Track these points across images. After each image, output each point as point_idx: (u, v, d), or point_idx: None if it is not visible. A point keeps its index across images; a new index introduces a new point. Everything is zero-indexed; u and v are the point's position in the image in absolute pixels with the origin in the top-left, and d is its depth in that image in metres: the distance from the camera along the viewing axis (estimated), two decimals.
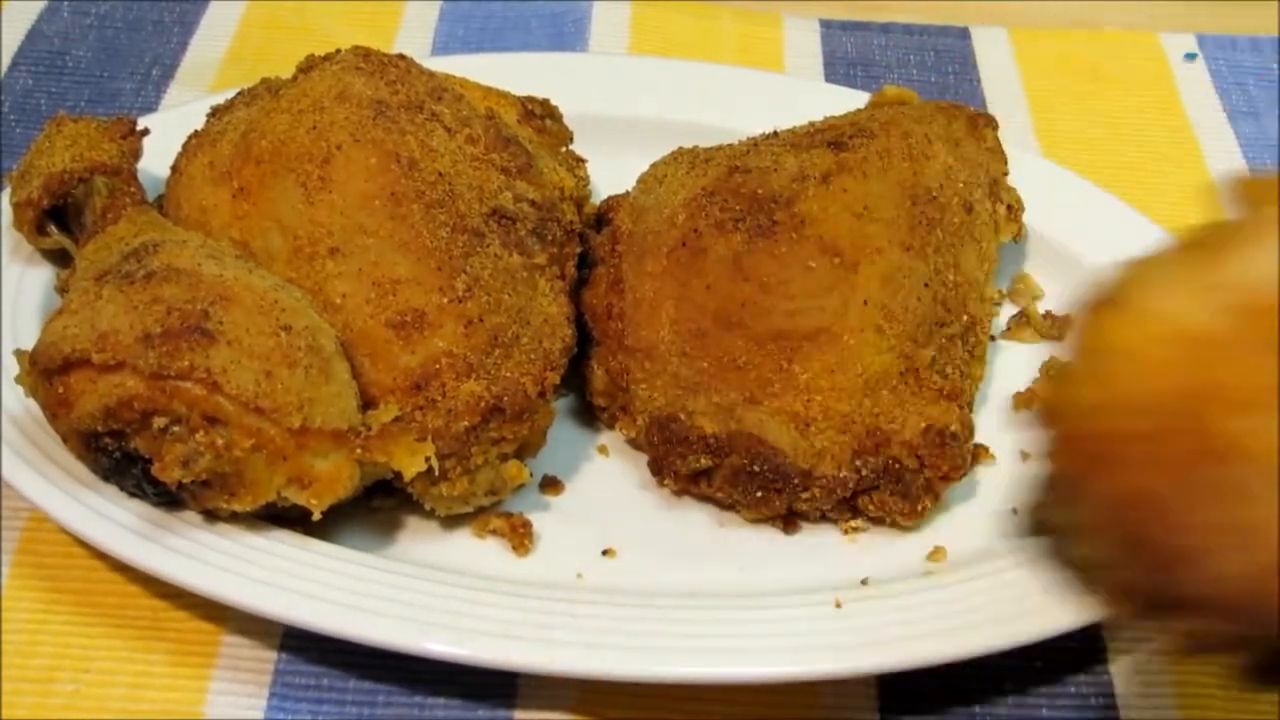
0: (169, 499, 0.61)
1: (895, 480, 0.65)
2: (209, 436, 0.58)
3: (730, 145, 0.76)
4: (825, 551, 0.66)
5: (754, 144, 0.75)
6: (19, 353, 0.61)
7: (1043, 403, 0.40)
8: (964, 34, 1.05)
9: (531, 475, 0.67)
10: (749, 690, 0.61)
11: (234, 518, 0.61)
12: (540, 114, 0.79)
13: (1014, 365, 0.76)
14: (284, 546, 0.61)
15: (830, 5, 1.09)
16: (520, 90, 0.81)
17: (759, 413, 0.66)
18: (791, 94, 0.89)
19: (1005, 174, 0.79)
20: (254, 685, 0.61)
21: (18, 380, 0.62)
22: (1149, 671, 0.64)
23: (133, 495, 0.62)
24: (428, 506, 0.64)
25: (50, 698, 0.60)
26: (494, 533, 0.66)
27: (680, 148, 0.78)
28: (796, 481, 0.65)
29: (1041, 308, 0.80)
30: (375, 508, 0.66)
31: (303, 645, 0.62)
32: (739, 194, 0.69)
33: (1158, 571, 0.36)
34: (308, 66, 0.73)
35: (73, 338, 0.59)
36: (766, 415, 0.66)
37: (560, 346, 0.68)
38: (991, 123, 0.80)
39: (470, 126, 0.70)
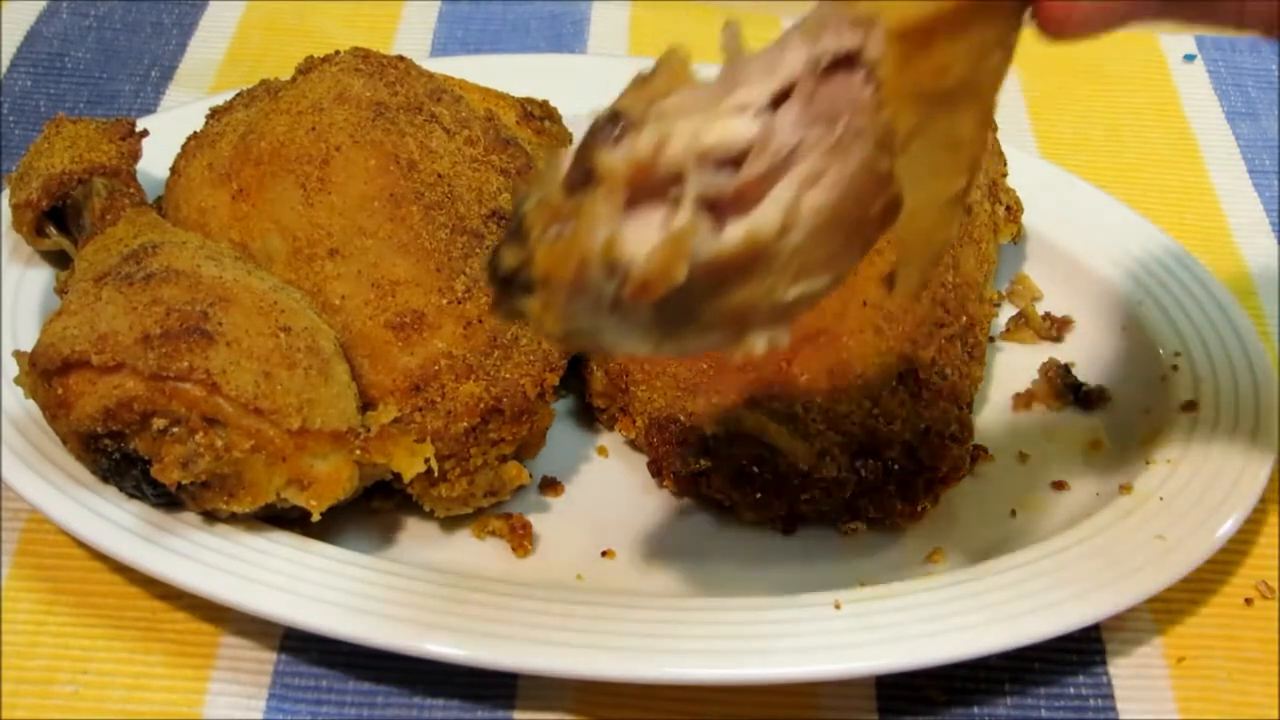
0: (168, 500, 0.61)
1: (895, 482, 0.65)
2: (208, 438, 0.58)
3: None
4: (825, 553, 0.67)
5: None
6: (18, 354, 0.61)
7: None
8: None
9: (531, 476, 0.67)
10: (749, 690, 0.61)
11: (233, 519, 0.61)
12: (539, 115, 0.79)
13: (1013, 366, 0.77)
14: (283, 548, 0.61)
15: None
16: (519, 92, 0.81)
17: (758, 414, 0.66)
18: None
19: (1004, 175, 0.79)
20: (253, 686, 0.61)
21: (17, 381, 0.62)
22: (1148, 672, 0.64)
23: (132, 496, 0.62)
24: (427, 508, 0.64)
25: (49, 699, 0.60)
26: (494, 534, 0.66)
27: None
28: (796, 483, 0.65)
29: (1040, 309, 0.80)
30: (375, 509, 0.66)
31: (302, 646, 0.62)
32: None
33: None
34: (307, 68, 0.73)
35: (72, 339, 0.59)
36: (766, 416, 0.66)
37: (559, 348, 0.68)
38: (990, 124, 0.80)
39: (469, 128, 0.71)
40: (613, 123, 0.42)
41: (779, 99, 0.43)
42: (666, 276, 0.41)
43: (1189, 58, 1.03)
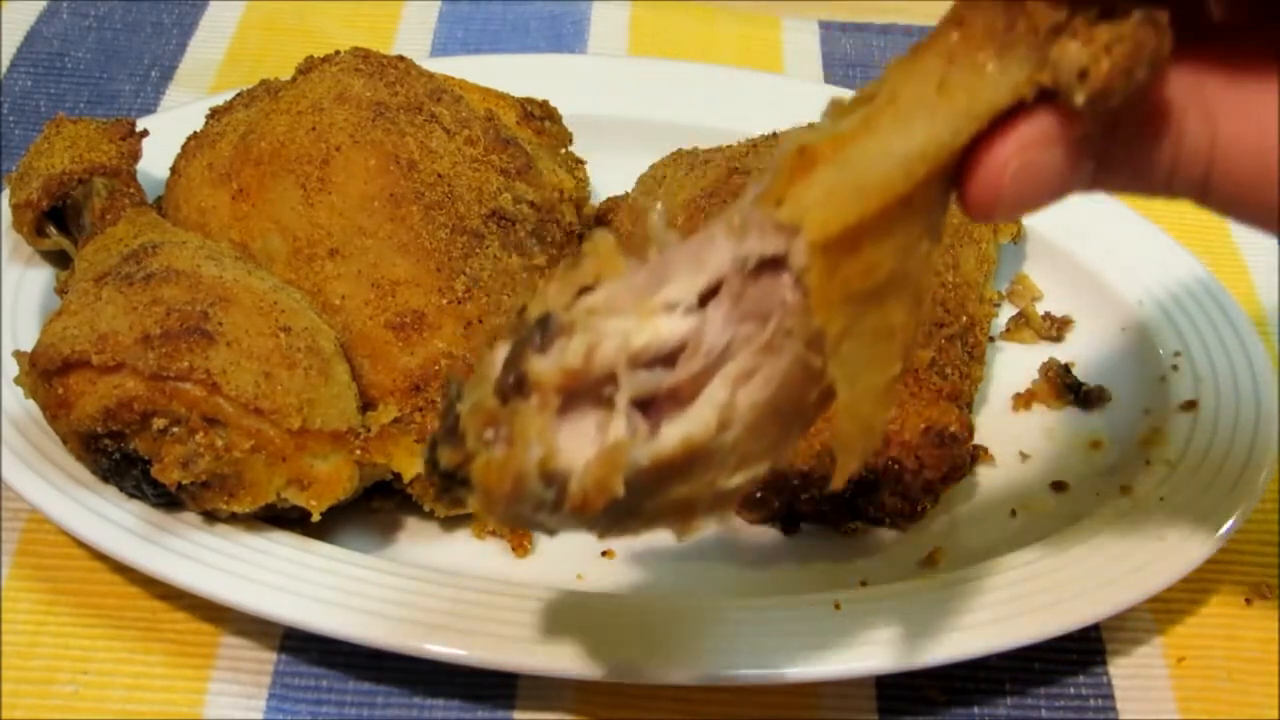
0: (168, 500, 0.61)
1: (895, 481, 0.65)
2: (208, 438, 0.58)
3: (729, 146, 0.76)
4: (824, 552, 0.67)
5: (753, 145, 0.75)
6: (18, 354, 0.61)
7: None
8: None
9: None
10: (749, 690, 0.61)
11: (233, 519, 0.61)
12: (539, 115, 0.79)
13: (1013, 366, 0.77)
14: (283, 548, 0.61)
15: (830, 6, 1.09)
16: (519, 92, 0.81)
17: None
18: (791, 95, 0.89)
19: None
20: (253, 686, 0.61)
21: (17, 381, 0.62)
22: (1148, 672, 0.64)
23: (132, 496, 0.62)
24: (427, 508, 0.64)
25: (49, 699, 0.60)
26: (494, 534, 0.66)
27: (679, 149, 0.78)
28: (796, 482, 0.65)
29: (1040, 309, 0.80)
30: (375, 509, 0.66)
31: (302, 646, 0.62)
32: (738, 195, 0.69)
33: None
34: (307, 68, 0.73)
35: (72, 339, 0.59)
36: None
37: None
38: None
39: (469, 128, 0.71)
40: (542, 327, 0.42)
41: (708, 294, 0.43)
42: (605, 491, 0.41)
43: None
